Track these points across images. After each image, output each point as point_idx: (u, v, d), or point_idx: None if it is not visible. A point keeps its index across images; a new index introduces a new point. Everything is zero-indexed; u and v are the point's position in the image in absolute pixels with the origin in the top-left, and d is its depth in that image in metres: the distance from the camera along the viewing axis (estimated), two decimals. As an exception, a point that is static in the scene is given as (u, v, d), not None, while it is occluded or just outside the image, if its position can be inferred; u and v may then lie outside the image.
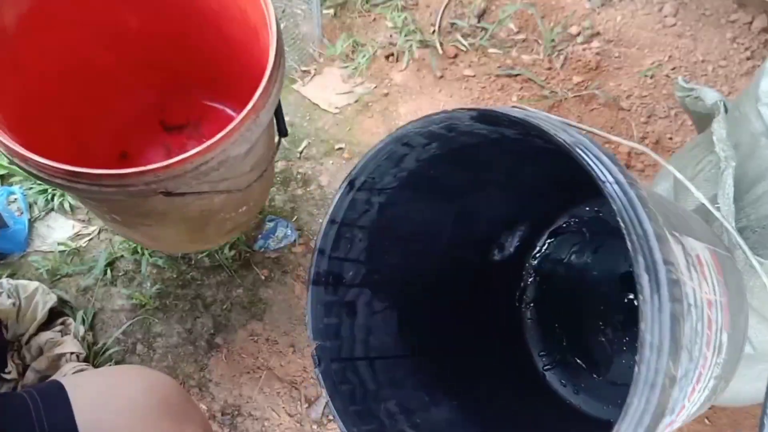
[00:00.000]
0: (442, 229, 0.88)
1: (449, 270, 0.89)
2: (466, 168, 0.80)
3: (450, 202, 0.86)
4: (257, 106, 0.72)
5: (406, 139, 0.72)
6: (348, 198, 0.75)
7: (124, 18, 0.94)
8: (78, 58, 0.91)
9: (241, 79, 0.99)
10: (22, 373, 1.08)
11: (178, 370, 1.15)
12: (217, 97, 1.11)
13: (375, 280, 0.80)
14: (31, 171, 0.68)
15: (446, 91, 1.56)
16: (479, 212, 0.89)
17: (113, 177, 0.65)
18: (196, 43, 1.00)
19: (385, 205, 0.78)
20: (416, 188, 0.79)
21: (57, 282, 1.24)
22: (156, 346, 1.18)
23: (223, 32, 0.95)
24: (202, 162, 0.68)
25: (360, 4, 1.70)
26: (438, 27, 1.66)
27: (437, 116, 0.67)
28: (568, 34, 1.65)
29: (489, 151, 0.76)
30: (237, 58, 0.97)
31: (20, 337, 1.11)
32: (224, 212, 0.89)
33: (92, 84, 0.96)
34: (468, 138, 0.72)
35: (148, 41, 0.99)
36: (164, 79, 1.08)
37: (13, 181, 1.36)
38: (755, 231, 0.83)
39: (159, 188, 0.68)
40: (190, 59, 1.03)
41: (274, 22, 0.77)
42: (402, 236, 0.83)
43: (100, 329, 1.19)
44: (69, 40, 0.87)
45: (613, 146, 1.45)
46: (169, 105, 1.11)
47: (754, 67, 1.57)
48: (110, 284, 1.24)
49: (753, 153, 0.83)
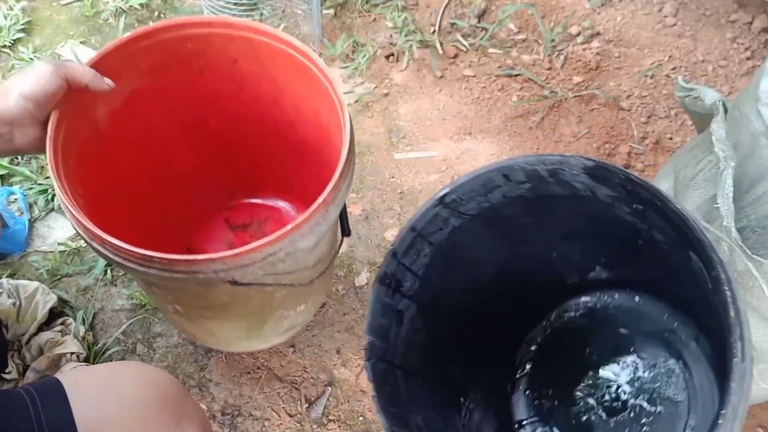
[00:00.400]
0: (490, 267, 0.90)
1: (481, 306, 0.90)
2: (541, 217, 0.82)
3: (509, 243, 0.88)
4: (327, 200, 0.73)
5: (508, 171, 0.74)
6: (433, 211, 0.77)
7: (204, 118, 0.98)
8: (157, 153, 0.95)
9: (308, 177, 1.02)
10: (23, 373, 1.08)
11: (178, 370, 1.15)
12: (282, 196, 1.15)
13: (423, 298, 0.81)
14: (106, 254, 0.71)
15: (446, 91, 1.56)
16: (529, 259, 0.91)
17: (185, 263, 0.68)
18: (269, 144, 1.03)
19: (457, 229, 0.80)
20: (487, 222, 0.81)
21: (57, 282, 1.24)
22: (156, 346, 1.18)
23: (296, 134, 0.98)
24: (270, 252, 0.70)
25: (360, 4, 1.70)
26: (438, 27, 1.66)
27: (552, 157, 0.70)
28: (568, 34, 1.65)
29: (569, 207, 0.79)
30: (306, 158, 1.00)
31: (20, 337, 1.12)
32: (284, 309, 0.92)
33: (167, 179, 1.00)
34: (560, 188, 0.75)
35: (224, 142, 1.02)
36: (234, 179, 1.12)
37: (13, 181, 1.36)
38: (755, 231, 0.83)
39: (227, 277, 0.70)
40: (260, 159, 1.07)
41: (348, 123, 0.80)
42: (457, 264, 0.85)
43: (100, 329, 1.19)
44: (151, 136, 0.91)
45: (613, 146, 1.46)
46: (235, 204, 1.15)
47: (754, 67, 1.57)
48: (110, 284, 1.24)
49: (753, 153, 0.83)
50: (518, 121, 1.50)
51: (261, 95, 0.95)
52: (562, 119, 1.51)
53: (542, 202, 0.78)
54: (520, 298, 0.93)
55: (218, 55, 0.90)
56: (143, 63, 0.85)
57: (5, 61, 1.59)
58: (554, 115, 1.51)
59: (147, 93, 0.88)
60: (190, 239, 1.10)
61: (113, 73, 0.80)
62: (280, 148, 1.03)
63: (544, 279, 0.94)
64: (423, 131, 1.49)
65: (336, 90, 0.82)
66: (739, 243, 0.73)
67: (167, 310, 0.90)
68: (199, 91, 0.94)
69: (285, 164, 1.06)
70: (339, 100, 0.81)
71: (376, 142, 1.47)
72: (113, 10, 1.70)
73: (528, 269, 0.91)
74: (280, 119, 0.98)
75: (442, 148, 1.46)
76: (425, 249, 0.79)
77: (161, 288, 0.80)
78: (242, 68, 0.91)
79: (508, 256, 0.89)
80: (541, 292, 0.95)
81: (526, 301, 0.94)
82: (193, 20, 0.86)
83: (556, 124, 1.50)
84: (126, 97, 0.85)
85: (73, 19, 1.70)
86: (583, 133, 1.48)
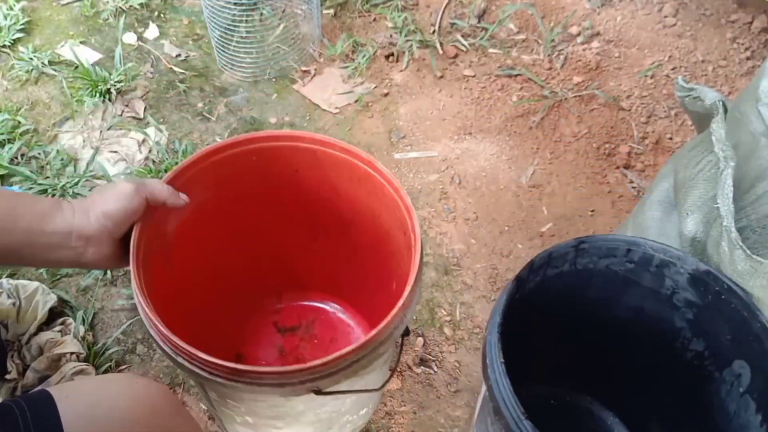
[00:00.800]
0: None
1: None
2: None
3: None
4: (405, 303, 0.74)
5: (634, 247, 0.83)
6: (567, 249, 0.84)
7: (260, 224, 1.00)
8: (212, 260, 0.97)
9: (359, 278, 1.05)
10: (22, 373, 1.08)
11: (177, 370, 1.15)
12: (329, 297, 1.17)
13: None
14: (191, 368, 0.71)
15: (446, 91, 1.56)
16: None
17: (274, 375, 0.69)
18: (319, 247, 1.05)
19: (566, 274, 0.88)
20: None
21: (57, 282, 1.24)
22: (156, 346, 1.17)
23: (350, 236, 1.00)
24: (355, 359, 0.71)
25: (360, 4, 1.70)
26: (438, 27, 1.66)
27: (675, 251, 0.81)
28: (568, 34, 1.65)
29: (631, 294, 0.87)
30: (358, 259, 1.02)
31: (20, 337, 1.12)
32: (349, 414, 0.93)
33: (218, 285, 1.01)
34: (649, 278, 0.85)
35: (274, 245, 1.05)
36: (282, 281, 1.14)
37: (13, 181, 1.36)
38: (755, 231, 0.83)
39: (312, 386, 0.71)
40: (309, 262, 1.09)
41: (417, 222, 0.81)
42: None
43: (100, 329, 1.19)
44: (209, 244, 0.94)
45: (613, 145, 1.46)
46: (283, 306, 1.16)
47: (754, 67, 1.57)
48: (110, 284, 1.24)
49: (753, 153, 0.83)
50: (518, 121, 1.50)
51: (319, 201, 0.97)
52: (562, 119, 1.51)
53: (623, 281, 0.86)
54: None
55: (281, 166, 0.92)
56: (211, 176, 0.88)
57: (5, 61, 1.59)
58: (554, 115, 1.51)
59: (211, 204, 0.91)
60: (239, 344, 1.12)
61: (186, 188, 0.84)
62: (331, 250, 1.05)
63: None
64: (423, 131, 1.49)
65: (402, 195, 0.84)
66: (739, 243, 0.73)
67: (234, 422, 0.91)
68: (258, 200, 0.97)
69: (334, 266, 1.08)
70: (406, 205, 0.83)
71: (376, 142, 1.47)
72: (113, 10, 1.70)
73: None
74: (334, 223, 1.00)
75: (441, 148, 1.46)
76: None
77: (237, 401, 0.81)
78: (303, 176, 0.94)
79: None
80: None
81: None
82: (261, 135, 0.88)
83: (556, 124, 1.50)
84: (193, 209, 0.88)
85: (73, 19, 1.70)
86: (583, 133, 1.48)
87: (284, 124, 1.50)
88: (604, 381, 1.01)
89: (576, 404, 1.05)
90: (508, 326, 0.76)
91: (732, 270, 0.76)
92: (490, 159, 1.44)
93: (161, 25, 1.70)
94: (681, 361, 0.87)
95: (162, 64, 1.61)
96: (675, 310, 0.84)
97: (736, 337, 0.78)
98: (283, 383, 0.70)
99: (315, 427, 0.90)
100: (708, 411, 0.84)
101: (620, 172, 1.42)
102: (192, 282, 0.91)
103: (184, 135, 1.47)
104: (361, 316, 1.13)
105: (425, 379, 1.14)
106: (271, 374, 0.69)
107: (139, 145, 1.45)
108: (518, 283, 0.79)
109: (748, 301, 0.74)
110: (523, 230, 1.33)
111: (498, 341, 0.72)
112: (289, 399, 0.76)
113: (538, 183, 1.41)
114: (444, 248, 1.30)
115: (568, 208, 1.37)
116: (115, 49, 1.60)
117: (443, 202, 1.37)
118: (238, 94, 1.56)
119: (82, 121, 1.48)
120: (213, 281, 1.00)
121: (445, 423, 1.10)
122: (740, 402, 0.78)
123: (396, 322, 0.74)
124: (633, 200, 1.37)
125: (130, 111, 1.51)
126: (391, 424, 1.10)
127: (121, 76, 1.54)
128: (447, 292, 1.25)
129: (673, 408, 0.93)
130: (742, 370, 0.77)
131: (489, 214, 1.36)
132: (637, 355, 0.93)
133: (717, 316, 0.79)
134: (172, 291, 0.85)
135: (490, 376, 0.71)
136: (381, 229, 0.93)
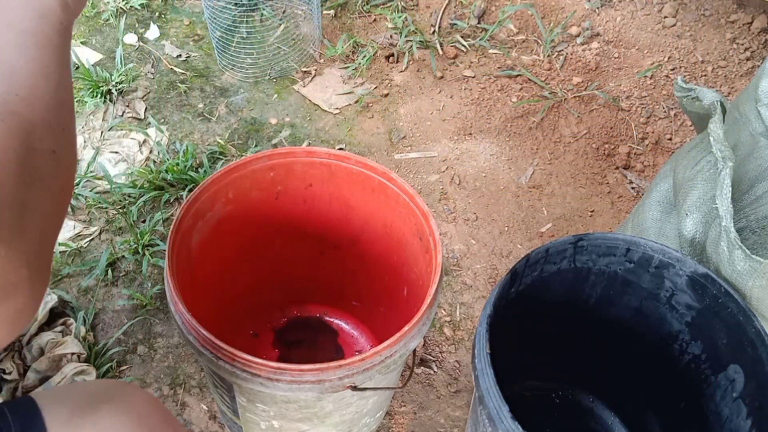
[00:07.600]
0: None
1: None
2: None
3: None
4: (431, 302, 0.77)
5: (634, 247, 0.84)
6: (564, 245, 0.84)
7: (270, 240, 1.02)
8: (223, 276, 0.99)
9: (367, 287, 1.06)
10: (23, 373, 1.08)
11: (179, 370, 1.15)
12: (333, 310, 1.18)
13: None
14: (233, 371, 0.73)
15: (446, 92, 1.56)
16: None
17: (315, 371, 0.70)
18: (327, 260, 1.06)
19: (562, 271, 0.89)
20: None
21: (58, 282, 1.24)
22: (157, 347, 1.18)
23: (358, 248, 1.02)
24: (388, 355, 0.74)
25: (360, 4, 1.70)
26: (438, 28, 1.67)
27: (675, 253, 0.81)
28: (567, 34, 1.65)
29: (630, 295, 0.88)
30: (366, 269, 1.04)
31: (21, 338, 1.12)
32: (368, 416, 0.95)
33: (228, 300, 1.03)
34: (648, 279, 0.85)
35: (281, 260, 1.06)
36: (287, 295, 1.15)
37: (14, 181, 1.36)
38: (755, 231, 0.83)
39: (350, 382, 0.73)
40: (314, 275, 1.10)
41: (436, 227, 0.83)
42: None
43: (101, 330, 1.19)
44: (222, 261, 0.97)
45: (613, 146, 1.46)
46: (288, 320, 1.18)
47: (753, 68, 1.57)
48: (111, 285, 1.24)
49: (752, 153, 0.83)
50: (518, 121, 1.51)
51: (330, 213, 0.99)
52: (562, 120, 1.51)
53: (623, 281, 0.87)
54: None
55: (296, 181, 0.94)
56: (231, 192, 0.90)
57: (6, 62, 1.60)
58: (554, 115, 1.52)
59: (228, 220, 0.93)
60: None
61: (208, 204, 0.86)
62: (337, 262, 1.06)
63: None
64: (423, 132, 1.49)
65: (417, 202, 0.86)
66: (739, 243, 0.74)
67: (255, 428, 0.92)
68: (271, 215, 0.98)
69: (340, 278, 1.09)
70: (422, 211, 0.85)
71: (376, 143, 1.47)
72: (113, 11, 1.70)
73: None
74: (344, 235, 1.01)
75: (441, 148, 1.46)
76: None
77: (269, 404, 0.82)
78: (315, 190, 0.95)
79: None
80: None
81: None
82: (279, 151, 0.90)
83: (555, 125, 1.50)
84: (213, 226, 0.90)
85: (74, 20, 1.70)
86: (583, 134, 1.48)
87: (284, 125, 1.50)
88: (606, 380, 1.01)
89: (578, 402, 1.05)
90: (502, 319, 0.77)
91: (731, 270, 0.76)
92: (490, 159, 1.45)
93: (162, 25, 1.70)
94: (679, 363, 0.87)
95: (163, 65, 1.61)
96: (674, 312, 0.84)
97: (731, 342, 0.78)
98: (323, 380, 0.71)
99: (337, 429, 0.92)
100: (703, 415, 0.85)
101: (620, 172, 1.42)
102: (205, 301, 0.93)
103: (184, 135, 1.48)
104: (366, 327, 1.15)
105: (425, 380, 1.14)
106: (313, 371, 0.70)
107: (139, 146, 1.45)
108: (513, 277, 0.79)
109: (744, 305, 0.75)
110: (522, 230, 1.34)
111: (486, 332, 0.73)
112: (322, 398, 0.78)
113: (537, 183, 1.41)
114: (444, 248, 1.31)
115: (567, 209, 1.37)
116: (116, 49, 1.60)
117: (443, 202, 1.38)
118: (239, 94, 1.56)
119: (83, 121, 1.49)
120: (223, 298, 1.01)
121: (445, 423, 1.10)
122: (733, 407, 0.79)
123: (424, 319, 0.77)
124: (632, 201, 1.38)
125: (131, 111, 1.51)
126: (391, 425, 1.10)
127: (121, 76, 1.55)
128: (447, 293, 1.25)
129: (671, 410, 0.93)
130: (736, 375, 0.78)
131: (489, 214, 1.36)
132: (637, 355, 0.94)
133: (714, 320, 0.79)
134: (192, 301, 0.86)
135: (477, 365, 0.73)
136: (392, 238, 0.95)
